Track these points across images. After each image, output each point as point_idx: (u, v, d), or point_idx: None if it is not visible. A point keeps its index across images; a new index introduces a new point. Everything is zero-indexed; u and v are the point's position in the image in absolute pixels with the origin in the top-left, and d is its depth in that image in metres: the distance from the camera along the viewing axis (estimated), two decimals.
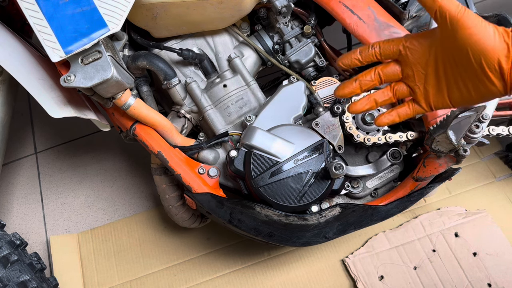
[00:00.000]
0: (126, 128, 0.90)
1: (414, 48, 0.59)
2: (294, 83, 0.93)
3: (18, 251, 0.89)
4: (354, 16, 0.90)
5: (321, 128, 0.89)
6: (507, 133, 0.92)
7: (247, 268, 1.20)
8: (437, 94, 0.59)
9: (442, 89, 0.59)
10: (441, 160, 0.83)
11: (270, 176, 0.82)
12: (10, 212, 1.36)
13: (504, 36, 0.51)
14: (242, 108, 0.94)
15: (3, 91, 0.94)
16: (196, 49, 0.97)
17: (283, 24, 0.97)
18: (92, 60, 0.72)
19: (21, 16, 0.99)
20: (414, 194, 0.90)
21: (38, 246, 1.30)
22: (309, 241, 0.87)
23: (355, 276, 1.14)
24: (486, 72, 0.52)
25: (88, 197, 1.37)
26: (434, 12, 0.54)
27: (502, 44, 0.51)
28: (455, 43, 0.53)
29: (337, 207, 0.84)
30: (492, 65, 0.51)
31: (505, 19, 0.98)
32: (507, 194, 1.26)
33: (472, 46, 0.52)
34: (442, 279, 1.12)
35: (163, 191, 1.03)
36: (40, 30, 0.69)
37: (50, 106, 0.78)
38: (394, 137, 0.89)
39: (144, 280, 1.20)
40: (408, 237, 1.18)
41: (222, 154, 0.94)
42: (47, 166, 1.43)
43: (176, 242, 1.25)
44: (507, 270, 1.12)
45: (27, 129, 1.51)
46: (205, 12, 0.86)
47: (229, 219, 0.85)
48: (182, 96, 0.94)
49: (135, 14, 0.84)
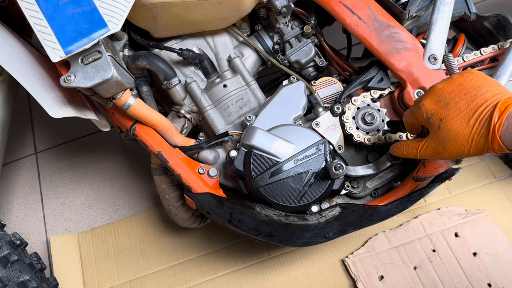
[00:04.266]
0: (126, 128, 0.90)
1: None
2: (294, 83, 0.93)
3: (18, 251, 0.89)
4: (354, 16, 0.90)
5: (321, 128, 0.89)
6: None
7: (247, 268, 1.20)
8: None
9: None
10: (441, 160, 0.83)
11: (270, 176, 0.82)
12: (10, 212, 1.36)
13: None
14: (242, 108, 0.94)
15: (3, 91, 0.94)
16: (196, 49, 0.97)
17: (283, 24, 0.97)
18: (92, 60, 0.72)
19: (21, 16, 0.99)
20: (414, 194, 0.89)
21: (38, 246, 1.30)
22: (309, 241, 0.87)
23: (355, 276, 1.14)
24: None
25: (88, 197, 1.37)
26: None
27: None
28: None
29: (337, 207, 0.84)
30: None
31: (505, 19, 0.98)
32: (507, 194, 1.26)
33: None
34: (442, 279, 1.12)
35: (163, 191, 1.03)
36: (40, 30, 0.69)
37: (50, 106, 0.78)
38: (394, 137, 0.89)
39: (144, 280, 1.20)
40: (408, 237, 1.18)
41: (222, 154, 0.94)
42: (47, 166, 1.43)
43: (176, 242, 1.25)
44: (507, 270, 1.12)
45: (27, 129, 1.51)
46: (205, 12, 0.86)
47: (229, 219, 0.85)
48: (182, 96, 0.94)
49: (135, 14, 0.84)
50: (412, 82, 0.87)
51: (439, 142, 0.66)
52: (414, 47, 0.89)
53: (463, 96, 0.63)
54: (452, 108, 0.64)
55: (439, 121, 0.65)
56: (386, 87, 0.92)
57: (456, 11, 0.97)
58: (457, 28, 1.08)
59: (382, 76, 0.93)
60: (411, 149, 0.73)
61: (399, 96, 0.91)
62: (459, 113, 0.63)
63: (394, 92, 0.92)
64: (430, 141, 0.69)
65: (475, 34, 1.06)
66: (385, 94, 0.92)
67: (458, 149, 0.64)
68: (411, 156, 0.74)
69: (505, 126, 0.58)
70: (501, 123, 0.58)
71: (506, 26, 0.98)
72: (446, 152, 0.66)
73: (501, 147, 0.59)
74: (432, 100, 0.68)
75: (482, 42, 1.05)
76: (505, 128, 0.58)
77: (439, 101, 0.66)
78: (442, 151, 0.66)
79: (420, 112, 0.70)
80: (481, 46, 0.96)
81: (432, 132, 0.68)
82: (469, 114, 0.62)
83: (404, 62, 0.88)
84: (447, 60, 0.88)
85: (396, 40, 0.89)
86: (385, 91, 0.92)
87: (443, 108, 0.65)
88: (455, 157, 0.66)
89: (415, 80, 0.87)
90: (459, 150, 0.64)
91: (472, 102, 0.62)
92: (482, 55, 0.93)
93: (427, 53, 0.88)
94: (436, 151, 0.68)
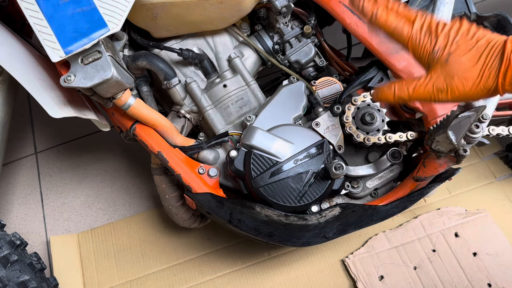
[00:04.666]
0: (126, 128, 0.90)
1: None
2: (294, 83, 0.93)
3: (18, 251, 0.89)
4: (354, 16, 0.90)
5: (321, 128, 0.89)
6: (507, 133, 0.92)
7: (247, 268, 1.20)
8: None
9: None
10: (441, 160, 0.83)
11: (270, 176, 0.82)
12: (10, 212, 1.36)
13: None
14: (242, 108, 0.94)
15: (3, 91, 0.94)
16: (196, 49, 0.97)
17: (283, 24, 0.97)
18: (92, 60, 0.72)
19: (21, 16, 0.99)
20: (414, 194, 0.89)
21: (38, 246, 1.30)
22: (309, 241, 0.87)
23: (355, 276, 1.14)
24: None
25: (88, 197, 1.37)
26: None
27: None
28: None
29: (337, 207, 0.84)
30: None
31: (505, 19, 0.98)
32: (507, 194, 1.26)
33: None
34: (442, 279, 1.12)
35: (163, 191, 1.03)
36: (40, 30, 0.69)
37: (50, 106, 0.78)
38: (394, 137, 0.89)
39: (144, 280, 1.20)
40: (408, 237, 1.18)
41: (222, 154, 0.94)
42: (47, 166, 1.43)
43: (176, 242, 1.25)
44: (507, 270, 1.12)
45: (27, 129, 1.51)
46: (205, 12, 0.86)
47: (229, 219, 0.85)
48: (182, 96, 0.94)
49: (135, 14, 0.84)
50: None
51: (445, 76, 0.63)
52: None
53: (472, 36, 0.62)
54: (462, 43, 0.62)
55: (447, 55, 0.63)
56: None
57: (456, 11, 0.97)
58: None
59: (382, 76, 0.93)
60: (405, 87, 0.66)
61: None
62: (469, 47, 0.61)
63: None
64: (432, 75, 0.64)
65: None
66: None
67: (465, 85, 0.61)
68: (401, 97, 0.66)
69: None
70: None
71: (506, 26, 0.98)
72: (449, 88, 0.62)
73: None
74: (442, 38, 0.65)
75: None
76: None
77: (447, 38, 0.64)
78: (445, 87, 0.63)
79: (427, 41, 0.65)
80: None
81: (438, 66, 0.64)
82: (481, 48, 0.61)
83: (404, 62, 0.88)
84: None
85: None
86: None
87: (452, 44, 0.63)
88: (457, 96, 0.62)
89: None
90: (466, 85, 0.61)
91: (482, 38, 0.61)
92: None
93: None
94: (438, 87, 0.64)
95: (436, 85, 0.64)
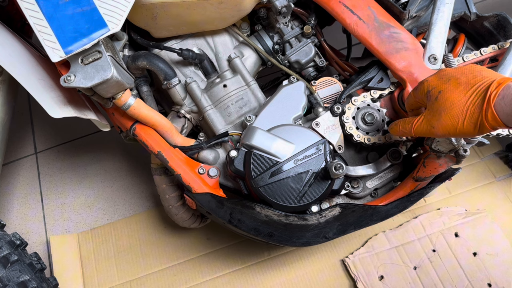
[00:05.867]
0: (126, 128, 0.90)
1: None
2: (294, 83, 0.93)
3: (18, 251, 0.89)
4: (354, 16, 0.90)
5: (321, 128, 0.89)
6: (507, 133, 0.92)
7: (247, 268, 1.20)
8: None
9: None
10: (441, 160, 0.83)
11: (270, 176, 0.82)
12: (10, 212, 1.36)
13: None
14: (242, 108, 0.94)
15: (3, 91, 0.94)
16: (196, 49, 0.97)
17: (283, 24, 0.97)
18: (92, 60, 0.72)
19: (21, 16, 0.99)
20: (414, 194, 0.89)
21: (38, 246, 1.30)
22: (309, 241, 0.87)
23: (355, 276, 1.14)
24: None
25: (88, 197, 1.37)
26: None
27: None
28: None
29: (337, 207, 0.84)
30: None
31: (505, 19, 0.98)
32: (507, 194, 1.26)
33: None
34: (442, 279, 1.12)
35: (163, 191, 1.03)
36: (40, 30, 0.69)
37: (50, 106, 0.78)
38: (394, 137, 0.89)
39: (144, 280, 1.20)
40: (408, 237, 1.18)
41: (222, 154, 0.94)
42: (47, 166, 1.43)
43: (176, 242, 1.25)
44: (507, 270, 1.12)
45: (27, 129, 1.51)
46: (205, 12, 0.86)
47: (229, 219, 0.85)
48: (182, 96, 0.94)
49: (135, 14, 0.84)
50: (412, 82, 0.87)
51: (434, 114, 0.67)
52: (414, 47, 0.89)
53: (466, 74, 0.65)
54: (453, 82, 0.65)
55: (437, 93, 0.66)
56: (386, 87, 0.92)
57: (456, 11, 0.97)
58: (457, 28, 1.08)
59: (382, 76, 0.93)
60: (407, 124, 0.73)
61: (399, 96, 0.91)
62: (458, 86, 0.64)
63: (394, 92, 0.92)
64: (426, 113, 0.69)
65: (475, 34, 1.06)
66: (385, 94, 0.92)
67: (452, 120, 0.64)
68: (406, 133, 0.74)
69: (500, 96, 0.58)
70: (497, 93, 0.58)
71: (506, 26, 0.98)
72: (439, 124, 0.66)
73: (495, 117, 0.59)
74: (436, 76, 0.70)
75: (482, 42, 1.05)
76: (500, 98, 0.58)
77: (441, 78, 0.68)
78: (436, 123, 0.66)
79: (421, 88, 0.71)
80: (481, 46, 0.96)
81: (429, 104, 0.68)
82: (468, 87, 0.63)
83: (404, 62, 0.88)
84: (447, 60, 0.88)
85: (396, 40, 0.89)
86: (385, 91, 0.92)
87: (444, 82, 0.67)
88: (448, 131, 0.65)
89: (415, 80, 0.87)
90: (453, 121, 0.64)
91: (473, 78, 0.63)
92: (482, 55, 0.93)
93: (427, 53, 0.88)
94: (431, 124, 0.68)
95: (429, 122, 0.68)
